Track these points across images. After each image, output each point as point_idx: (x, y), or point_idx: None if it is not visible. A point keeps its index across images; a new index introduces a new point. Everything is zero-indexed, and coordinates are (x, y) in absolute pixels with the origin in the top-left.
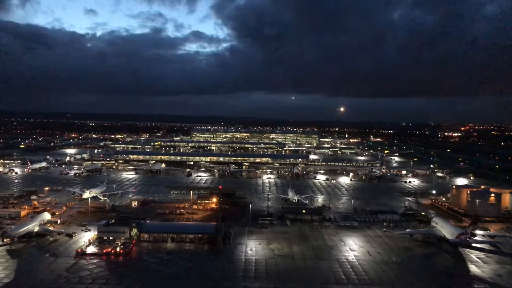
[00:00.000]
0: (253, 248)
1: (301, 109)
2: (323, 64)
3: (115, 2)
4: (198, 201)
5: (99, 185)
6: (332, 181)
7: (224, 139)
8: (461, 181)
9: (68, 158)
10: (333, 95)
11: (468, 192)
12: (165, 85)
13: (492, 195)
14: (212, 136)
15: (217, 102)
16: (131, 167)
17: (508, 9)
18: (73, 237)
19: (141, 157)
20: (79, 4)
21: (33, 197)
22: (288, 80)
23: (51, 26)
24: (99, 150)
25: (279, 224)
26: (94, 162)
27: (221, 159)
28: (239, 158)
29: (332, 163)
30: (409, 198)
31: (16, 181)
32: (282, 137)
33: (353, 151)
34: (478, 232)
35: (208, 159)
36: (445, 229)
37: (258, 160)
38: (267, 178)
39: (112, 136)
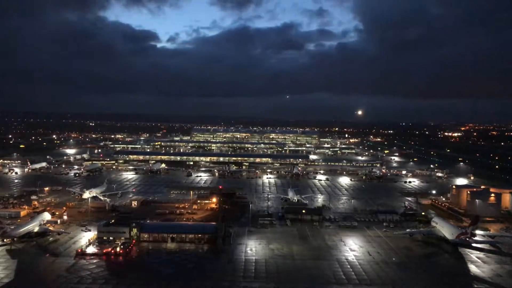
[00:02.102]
0: (253, 248)
1: None
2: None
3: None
4: (198, 201)
5: (99, 185)
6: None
7: (224, 139)
8: (461, 181)
9: (68, 158)
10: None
11: (468, 192)
12: None
13: (492, 195)
14: (212, 136)
15: None
16: (131, 167)
17: None
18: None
19: (141, 157)
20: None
21: (33, 197)
22: None
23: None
24: (99, 150)
25: (279, 224)
26: (94, 162)
27: (221, 159)
28: (239, 158)
29: (332, 163)
30: (409, 198)
31: (16, 181)
32: (282, 137)
33: (353, 151)
34: (478, 232)
35: (208, 159)
36: (445, 229)
37: (258, 160)
38: (267, 178)
39: (112, 136)
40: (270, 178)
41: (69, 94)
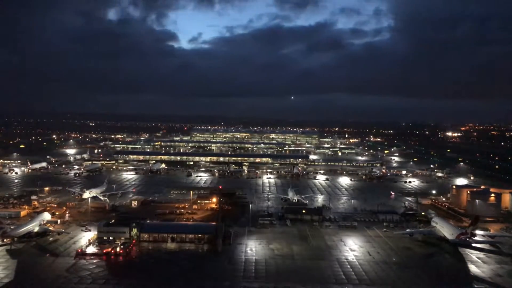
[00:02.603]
0: (253, 248)
1: None
2: None
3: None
4: (198, 201)
5: (99, 185)
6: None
7: (224, 139)
8: (461, 181)
9: (68, 158)
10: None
11: (468, 192)
12: None
13: (492, 195)
14: (212, 136)
15: None
16: (131, 167)
17: None
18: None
19: (141, 157)
20: None
21: (33, 197)
22: None
23: None
24: (99, 150)
25: (279, 224)
26: (94, 162)
27: (221, 159)
28: (239, 158)
29: (332, 163)
30: (409, 198)
31: (16, 181)
32: (282, 137)
33: (353, 151)
34: (478, 232)
35: (208, 159)
36: (445, 229)
37: (258, 160)
38: (267, 178)
39: (112, 136)
40: (270, 178)
41: (121, 97)
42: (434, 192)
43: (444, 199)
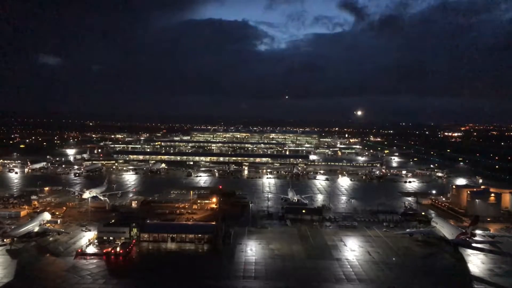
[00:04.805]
0: (253, 248)
1: None
2: None
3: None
4: (198, 201)
5: (99, 185)
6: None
7: (224, 139)
8: (461, 181)
9: (68, 158)
10: None
11: (468, 192)
12: None
13: (492, 195)
14: (212, 136)
15: None
16: (131, 167)
17: None
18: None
19: (141, 157)
20: None
21: (33, 197)
22: None
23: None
24: (99, 150)
25: (279, 224)
26: (94, 162)
27: (221, 159)
28: (239, 158)
29: (332, 163)
30: (409, 198)
31: (16, 181)
32: (282, 137)
33: (353, 151)
34: (478, 232)
35: (208, 159)
36: (445, 229)
37: (258, 160)
38: (267, 178)
39: (112, 136)
40: (270, 178)
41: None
42: (434, 192)
43: (444, 199)
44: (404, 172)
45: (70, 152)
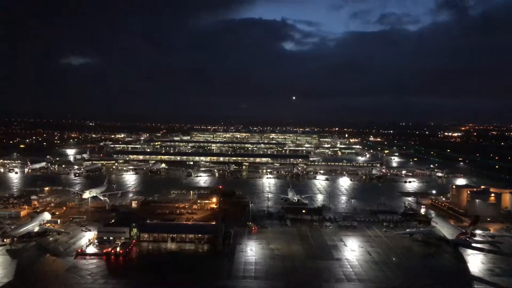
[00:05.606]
0: (253, 248)
1: None
2: None
3: None
4: (198, 201)
5: (99, 185)
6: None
7: (224, 139)
8: (461, 181)
9: (68, 158)
10: None
11: (468, 192)
12: None
13: (492, 195)
14: (212, 136)
15: None
16: (131, 167)
17: None
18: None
19: (141, 157)
20: None
21: (33, 197)
22: None
23: None
24: (99, 150)
25: (279, 224)
26: (94, 162)
27: (221, 159)
28: (239, 158)
29: (332, 163)
30: (409, 198)
31: (16, 181)
32: (282, 137)
33: (353, 151)
34: (478, 232)
35: (208, 159)
36: (445, 229)
37: (258, 160)
38: (267, 178)
39: (112, 136)
40: (270, 178)
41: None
42: (434, 192)
43: (444, 199)
44: (404, 172)
45: (70, 152)
